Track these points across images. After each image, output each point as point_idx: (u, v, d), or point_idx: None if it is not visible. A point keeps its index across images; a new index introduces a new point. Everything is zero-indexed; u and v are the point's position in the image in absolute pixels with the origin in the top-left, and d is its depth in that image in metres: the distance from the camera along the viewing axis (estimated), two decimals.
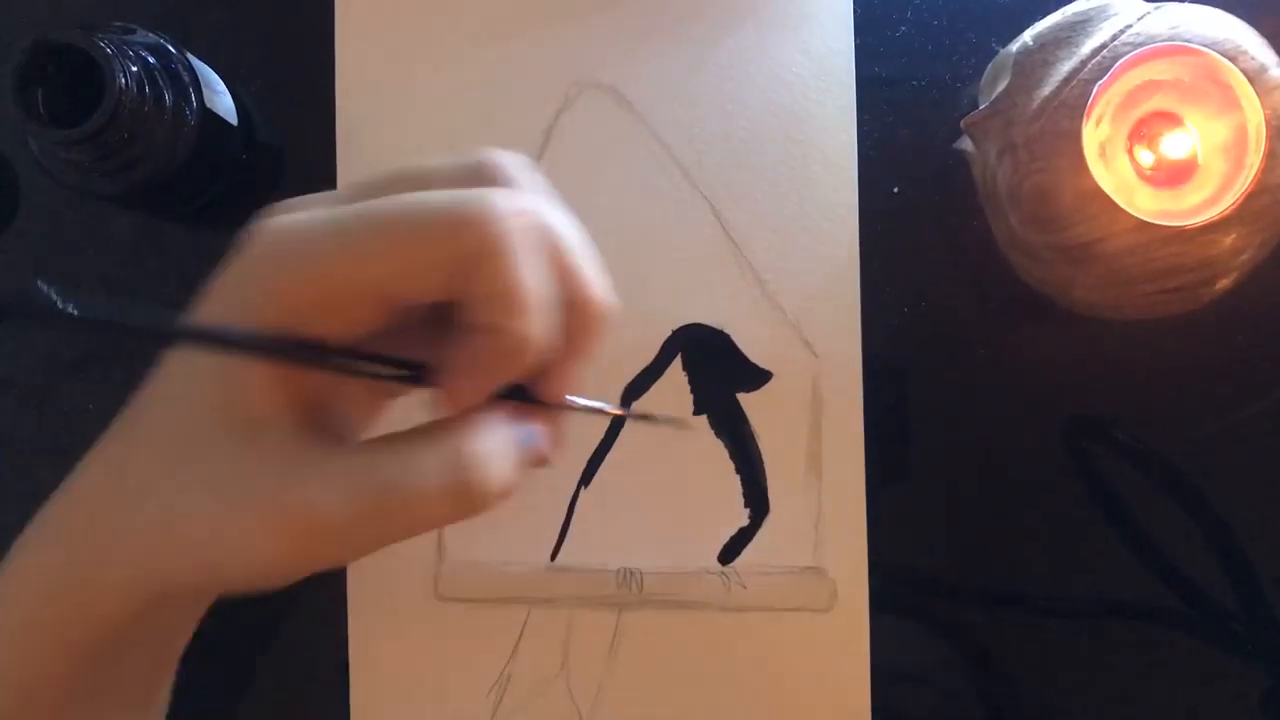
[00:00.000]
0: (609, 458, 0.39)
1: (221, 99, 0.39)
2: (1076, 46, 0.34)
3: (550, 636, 0.39)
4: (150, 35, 0.37)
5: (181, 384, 0.28)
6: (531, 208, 0.25)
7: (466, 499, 0.26)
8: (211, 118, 0.38)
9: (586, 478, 0.40)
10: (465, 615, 0.39)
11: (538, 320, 0.25)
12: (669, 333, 0.39)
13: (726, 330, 0.39)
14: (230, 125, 0.39)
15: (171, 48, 0.37)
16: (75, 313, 0.21)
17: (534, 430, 0.28)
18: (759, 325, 0.39)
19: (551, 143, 0.40)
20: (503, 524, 0.40)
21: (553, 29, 0.40)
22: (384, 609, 0.39)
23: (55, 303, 0.21)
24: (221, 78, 0.39)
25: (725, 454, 0.39)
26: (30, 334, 0.41)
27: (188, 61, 0.38)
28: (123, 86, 0.34)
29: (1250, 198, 0.33)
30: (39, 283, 0.20)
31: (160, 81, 0.36)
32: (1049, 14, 0.35)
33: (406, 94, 0.40)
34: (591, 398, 0.30)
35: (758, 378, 0.39)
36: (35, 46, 0.34)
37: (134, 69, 0.35)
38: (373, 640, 0.39)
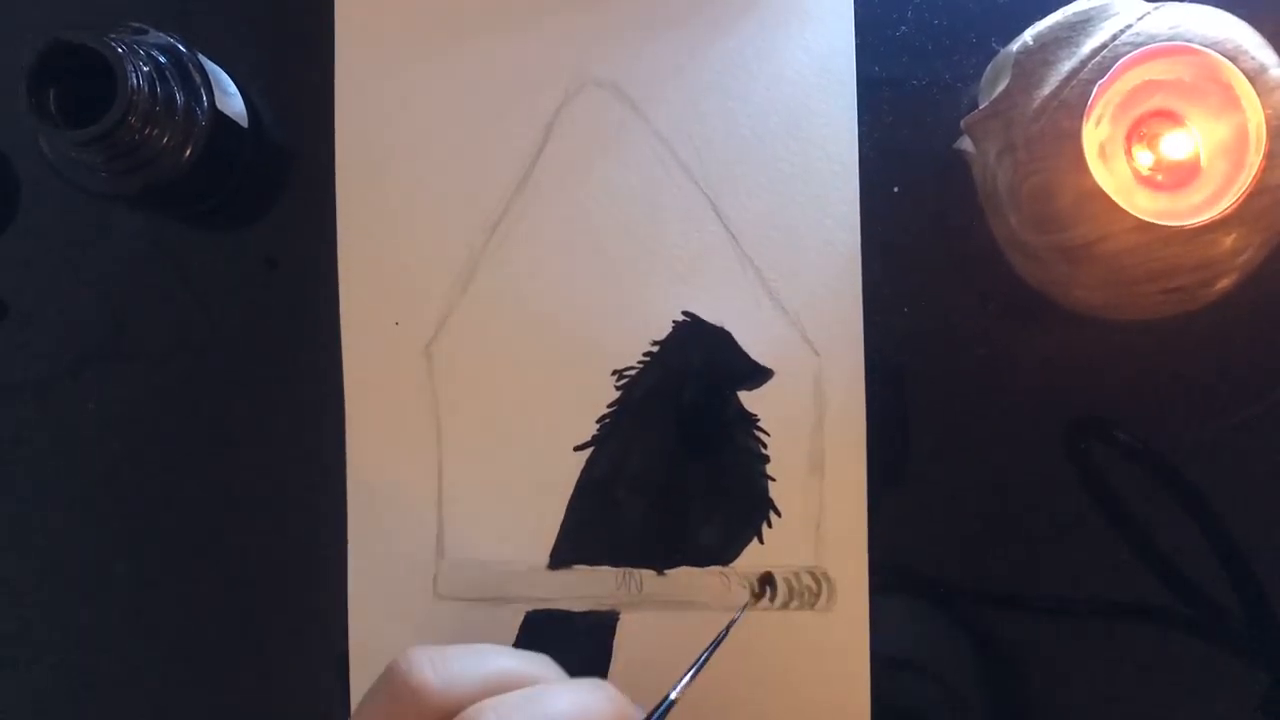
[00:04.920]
0: (609, 457, 0.40)
1: (233, 100, 0.39)
2: (1077, 46, 0.34)
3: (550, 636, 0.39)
4: (162, 35, 0.38)
5: None
6: None
7: None
8: (222, 119, 0.38)
9: (585, 477, 0.40)
10: (464, 614, 0.39)
11: None
12: (668, 329, 0.39)
13: (727, 328, 0.39)
14: (241, 127, 0.39)
15: (183, 48, 0.38)
16: None
17: None
18: (760, 323, 0.39)
19: (551, 140, 0.40)
20: (503, 524, 0.40)
21: (552, 26, 0.40)
22: (384, 607, 0.40)
23: None
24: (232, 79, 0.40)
25: (726, 452, 0.39)
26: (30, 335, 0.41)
27: (199, 62, 0.38)
28: (135, 86, 0.34)
29: (1250, 198, 0.32)
30: None
31: (172, 82, 0.36)
32: (1049, 13, 0.35)
33: (406, 93, 0.40)
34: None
35: (759, 376, 0.39)
36: (48, 47, 0.34)
37: (145, 69, 0.35)
38: (372, 638, 0.39)
